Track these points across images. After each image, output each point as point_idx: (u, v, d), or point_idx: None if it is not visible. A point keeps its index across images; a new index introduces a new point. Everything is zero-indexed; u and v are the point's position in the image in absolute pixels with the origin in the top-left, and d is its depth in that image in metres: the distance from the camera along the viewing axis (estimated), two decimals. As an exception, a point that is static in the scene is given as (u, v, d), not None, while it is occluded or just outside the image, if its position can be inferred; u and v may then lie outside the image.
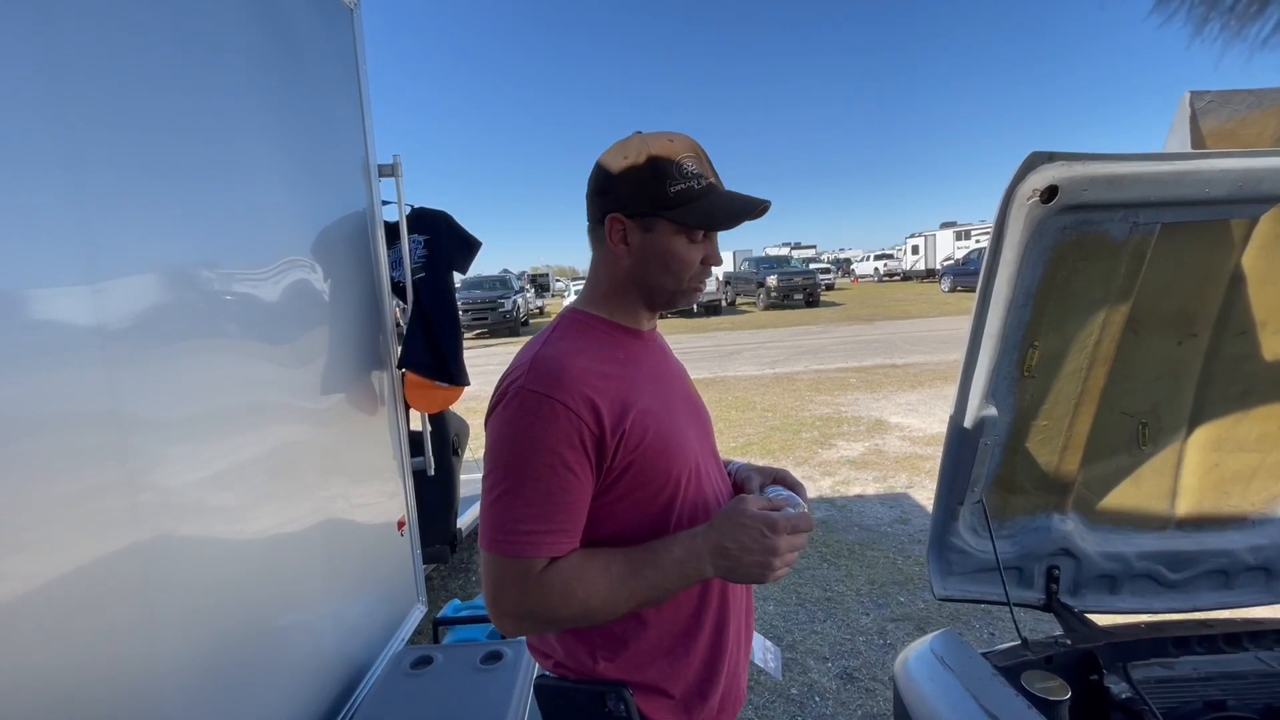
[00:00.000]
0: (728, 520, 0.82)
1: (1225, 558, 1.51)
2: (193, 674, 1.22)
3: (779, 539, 0.79)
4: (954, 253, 27.13)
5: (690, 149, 0.86)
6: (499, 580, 0.79)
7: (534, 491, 0.78)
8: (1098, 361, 1.30)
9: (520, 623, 0.81)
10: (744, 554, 0.80)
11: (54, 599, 0.97)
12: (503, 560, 0.79)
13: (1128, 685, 1.29)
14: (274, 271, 1.57)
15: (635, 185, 0.85)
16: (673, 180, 0.84)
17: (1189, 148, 1.27)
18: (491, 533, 0.79)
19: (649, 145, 0.86)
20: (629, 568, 0.81)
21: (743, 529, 0.80)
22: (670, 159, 0.84)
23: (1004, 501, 1.46)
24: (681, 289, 0.90)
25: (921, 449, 5.15)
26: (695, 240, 0.88)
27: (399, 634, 2.13)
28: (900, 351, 10.15)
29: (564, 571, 0.79)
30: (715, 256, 0.91)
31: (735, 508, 0.83)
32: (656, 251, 0.87)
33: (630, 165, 0.86)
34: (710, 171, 0.88)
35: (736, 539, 0.80)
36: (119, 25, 1.15)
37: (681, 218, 0.84)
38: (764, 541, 0.79)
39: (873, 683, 2.41)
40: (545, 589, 0.78)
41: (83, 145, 1.05)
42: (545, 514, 0.78)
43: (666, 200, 0.84)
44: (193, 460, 1.26)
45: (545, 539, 0.78)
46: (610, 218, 0.88)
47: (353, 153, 2.02)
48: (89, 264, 1.05)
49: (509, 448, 0.79)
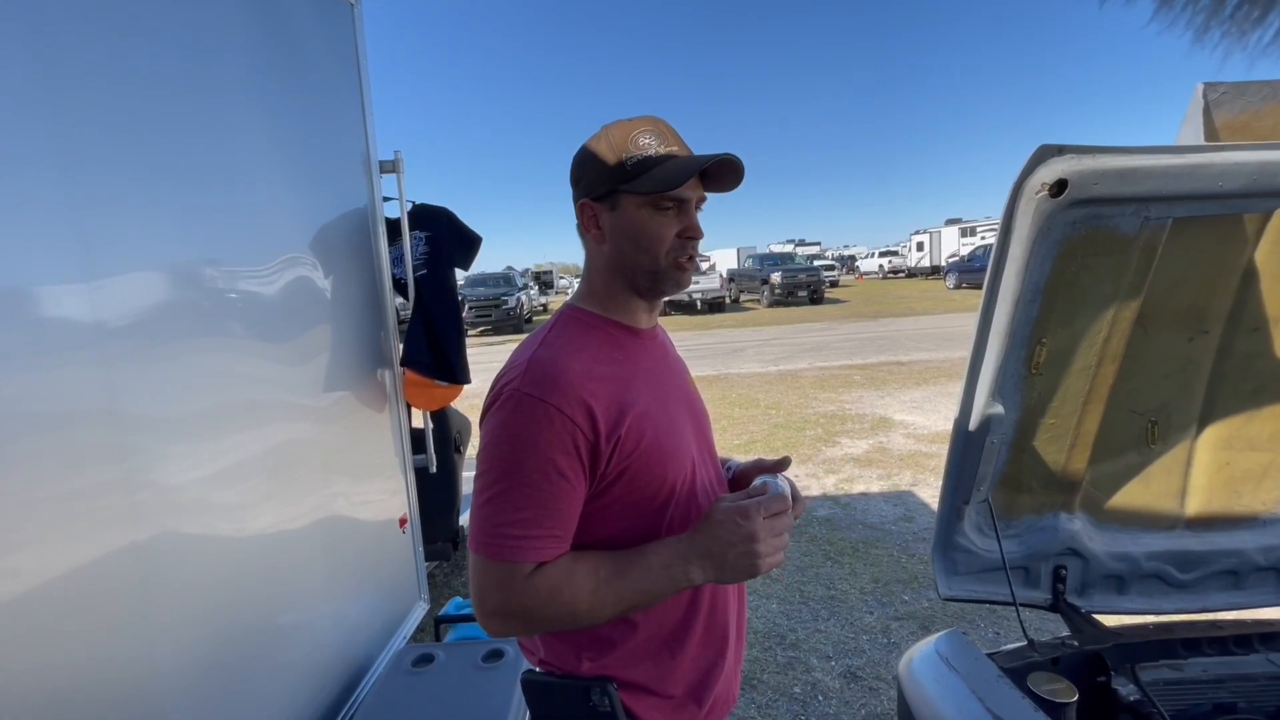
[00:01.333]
0: (705, 522, 0.81)
1: (1236, 558, 1.49)
2: (194, 672, 1.22)
3: (754, 524, 0.77)
4: (959, 249, 27.01)
5: (648, 123, 0.86)
6: (485, 582, 0.79)
7: (525, 496, 0.77)
8: (1107, 359, 1.28)
9: (505, 623, 0.81)
10: (726, 550, 0.78)
11: (53, 598, 0.96)
12: (490, 563, 0.78)
13: (1136, 687, 1.27)
14: (275, 269, 1.56)
15: (596, 167, 0.86)
16: (629, 154, 0.84)
17: (1202, 140, 1.24)
18: (480, 534, 0.79)
19: (608, 128, 0.87)
20: (615, 572, 0.81)
21: (719, 525, 0.79)
22: (625, 134, 0.85)
23: (1010, 500, 1.45)
24: (660, 267, 0.87)
25: (926, 446, 5.12)
26: (663, 210, 0.85)
27: (401, 632, 2.13)
28: (905, 349, 10.11)
29: (551, 576, 0.79)
30: (693, 229, 0.88)
31: (712, 510, 0.82)
32: (625, 228, 0.86)
33: (591, 150, 0.87)
34: (674, 142, 0.86)
35: (715, 536, 0.79)
36: (117, 23, 1.14)
37: (637, 187, 0.84)
38: (740, 530, 0.77)
39: (876, 682, 2.40)
40: (531, 592, 0.78)
41: (80, 142, 1.04)
42: (535, 519, 0.77)
43: (624, 175, 0.84)
44: (193, 459, 1.25)
45: (534, 544, 0.78)
46: (580, 205, 0.89)
47: (354, 149, 2.01)
48: (86, 262, 1.04)
49: (502, 451, 0.78)
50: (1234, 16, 0.78)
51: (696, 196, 0.88)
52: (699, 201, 0.89)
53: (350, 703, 1.72)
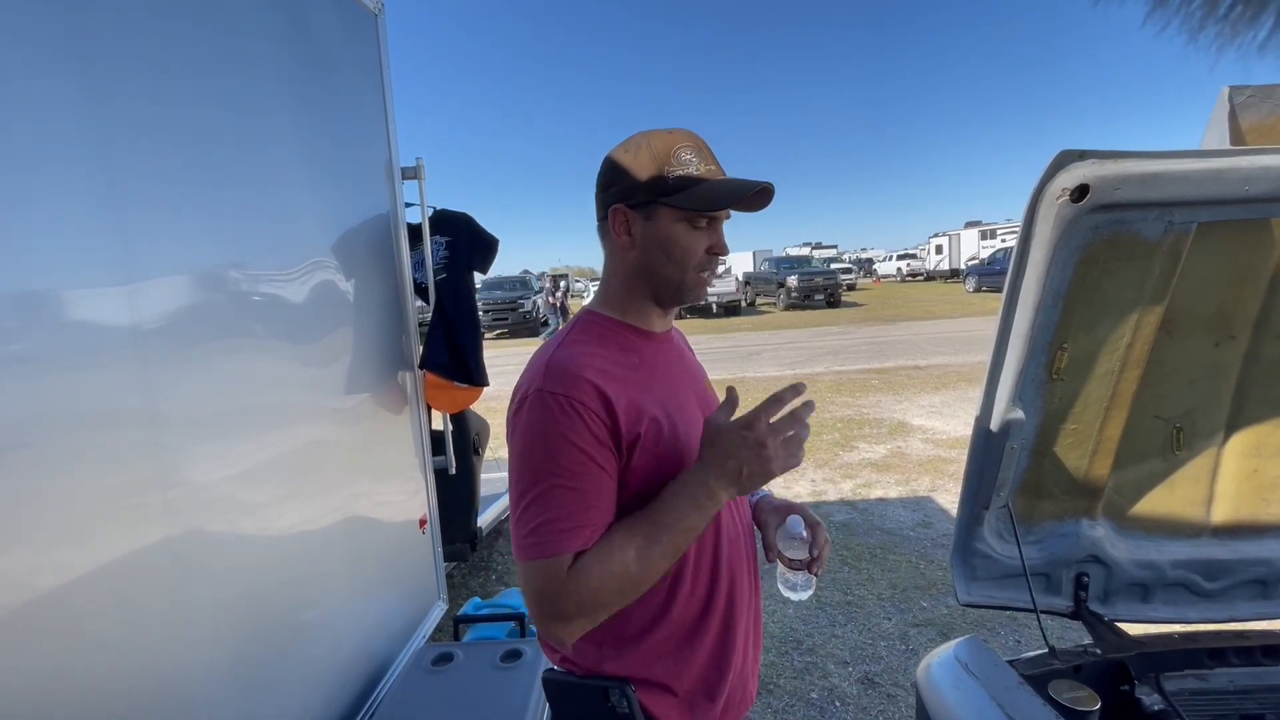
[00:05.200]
0: (707, 443, 0.83)
1: (1264, 567, 1.46)
2: (219, 667, 1.25)
3: (759, 430, 0.79)
4: (979, 252, 26.66)
5: (688, 139, 0.89)
6: (540, 585, 0.79)
7: (566, 490, 0.79)
8: (1130, 364, 1.26)
9: (572, 622, 0.80)
10: (740, 462, 0.80)
11: (88, 592, 0.99)
12: (538, 563, 0.79)
13: (1160, 697, 1.25)
14: (301, 273, 1.60)
15: (635, 175, 0.88)
16: (670, 167, 0.86)
17: (1227, 144, 1.23)
18: (525, 538, 0.79)
19: (648, 138, 0.89)
20: (649, 523, 0.81)
21: (726, 441, 0.81)
22: (668, 148, 0.87)
23: (1031, 506, 1.43)
24: (686, 280, 0.90)
25: (945, 452, 5.07)
26: (697, 227, 0.88)
27: (420, 631, 2.15)
28: (923, 353, 10.00)
29: (592, 556, 0.79)
30: (721, 246, 0.91)
31: (708, 428, 0.83)
32: (659, 239, 0.88)
33: (630, 157, 0.89)
34: (710, 160, 0.89)
35: (724, 451, 0.80)
36: (154, 38, 1.18)
37: (679, 202, 0.86)
38: (747, 439, 0.79)
39: (894, 688, 2.38)
40: (584, 576, 0.78)
41: (119, 152, 1.08)
42: (576, 511, 0.79)
43: (665, 187, 0.86)
44: (223, 458, 1.29)
45: (579, 533, 0.79)
46: (613, 210, 0.90)
47: (377, 156, 2.05)
48: (125, 267, 1.08)
49: (535, 450, 0.80)
50: (1228, 16, 0.78)
51: (725, 215, 0.92)
52: (725, 218, 0.92)
53: (371, 700, 1.75)
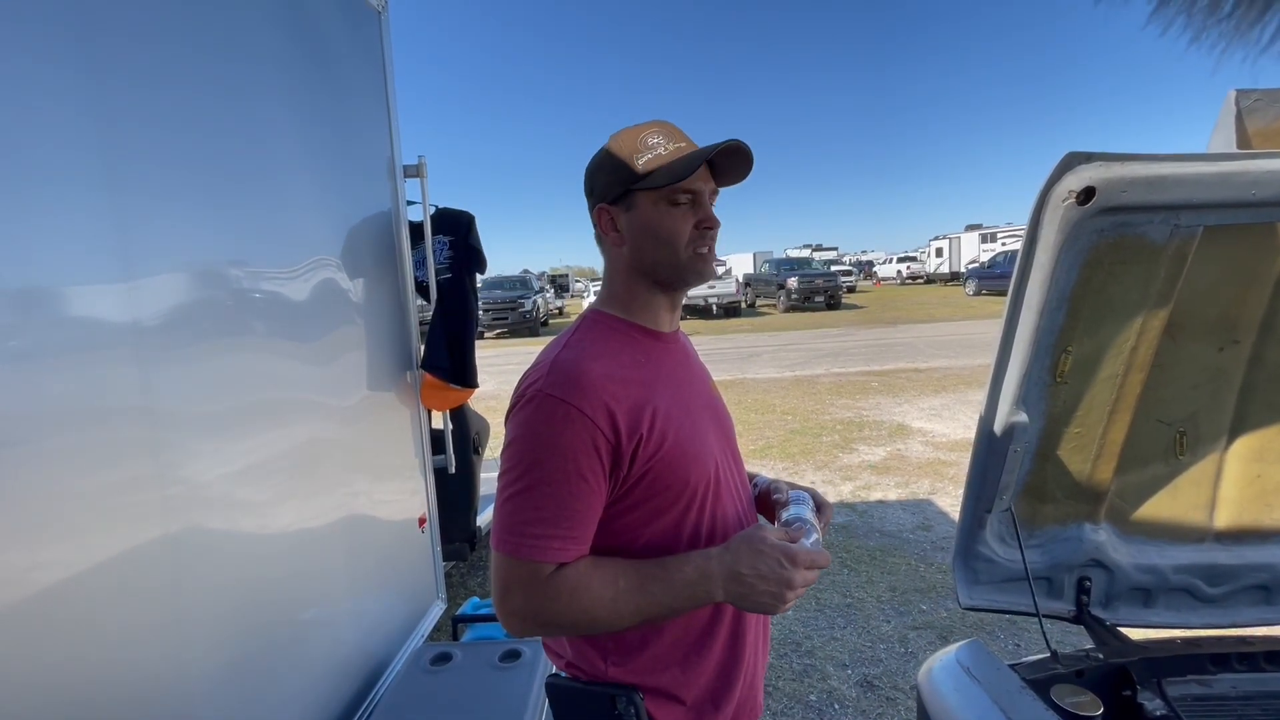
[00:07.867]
0: (746, 545, 0.81)
1: (1267, 572, 1.46)
2: (217, 666, 1.24)
3: (796, 573, 0.78)
4: (979, 255, 26.66)
5: (657, 126, 0.89)
6: (507, 580, 0.80)
7: (546, 496, 0.78)
8: (1134, 368, 1.26)
9: (524, 623, 0.82)
10: (759, 581, 0.79)
11: (86, 590, 0.99)
12: (512, 561, 0.79)
13: (1163, 702, 1.24)
14: (302, 270, 1.59)
15: (609, 172, 0.89)
16: (639, 154, 0.87)
17: (1234, 148, 1.22)
18: (502, 532, 0.80)
19: (618, 135, 0.90)
20: (638, 582, 0.81)
21: (761, 556, 0.79)
22: (634, 138, 0.88)
23: (1034, 510, 1.43)
24: (681, 260, 0.89)
25: (945, 454, 5.06)
26: (678, 204, 0.87)
27: (419, 630, 2.15)
28: (923, 355, 10.00)
29: (571, 578, 0.79)
30: (709, 218, 0.89)
31: (755, 534, 0.82)
32: (643, 226, 0.88)
33: (604, 157, 0.90)
34: (680, 138, 0.89)
35: (754, 566, 0.79)
36: (156, 32, 1.17)
37: (650, 183, 0.86)
38: (781, 573, 0.78)
39: (894, 691, 2.38)
40: (551, 594, 0.79)
41: (120, 148, 1.08)
42: (555, 519, 0.79)
43: (636, 175, 0.86)
44: (222, 455, 1.28)
45: (553, 544, 0.79)
46: (598, 210, 0.91)
47: (379, 153, 2.04)
48: (123, 264, 1.07)
49: (524, 450, 0.80)
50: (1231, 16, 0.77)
51: (709, 189, 0.90)
52: (712, 194, 0.91)
53: (369, 699, 1.74)
